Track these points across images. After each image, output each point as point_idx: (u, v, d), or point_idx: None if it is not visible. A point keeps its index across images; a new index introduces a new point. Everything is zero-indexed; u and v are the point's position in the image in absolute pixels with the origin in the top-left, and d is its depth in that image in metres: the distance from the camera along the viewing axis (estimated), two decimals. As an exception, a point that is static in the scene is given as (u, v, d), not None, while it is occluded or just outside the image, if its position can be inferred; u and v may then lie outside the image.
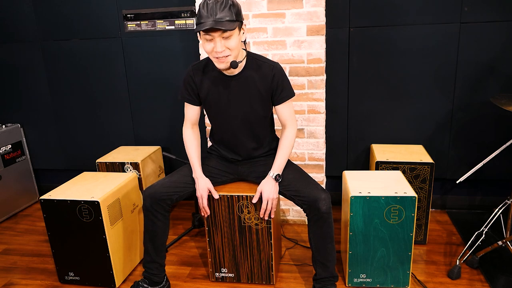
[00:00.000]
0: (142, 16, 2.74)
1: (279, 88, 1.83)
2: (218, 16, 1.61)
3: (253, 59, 1.83)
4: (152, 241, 1.93)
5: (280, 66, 1.84)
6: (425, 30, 2.44)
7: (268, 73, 1.81)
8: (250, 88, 1.82)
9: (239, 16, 1.67)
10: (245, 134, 1.93)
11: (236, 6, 1.66)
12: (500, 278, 2.01)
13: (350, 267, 1.98)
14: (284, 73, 1.85)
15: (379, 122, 2.66)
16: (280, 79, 1.82)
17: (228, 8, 1.62)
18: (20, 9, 2.89)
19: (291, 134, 1.91)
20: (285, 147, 1.90)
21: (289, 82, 1.88)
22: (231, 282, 2.09)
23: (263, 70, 1.81)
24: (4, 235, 2.74)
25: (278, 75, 1.82)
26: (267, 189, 1.85)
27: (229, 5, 1.63)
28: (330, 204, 1.79)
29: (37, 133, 3.16)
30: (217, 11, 1.61)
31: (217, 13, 1.61)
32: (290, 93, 1.87)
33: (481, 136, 2.56)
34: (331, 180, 2.82)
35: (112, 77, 2.91)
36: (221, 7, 1.61)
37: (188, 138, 1.99)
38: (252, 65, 1.82)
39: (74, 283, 2.13)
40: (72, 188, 2.09)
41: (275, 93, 1.84)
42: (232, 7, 1.64)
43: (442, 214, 2.73)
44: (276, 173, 1.86)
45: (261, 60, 1.83)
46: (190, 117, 1.98)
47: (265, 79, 1.81)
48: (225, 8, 1.62)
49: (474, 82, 2.48)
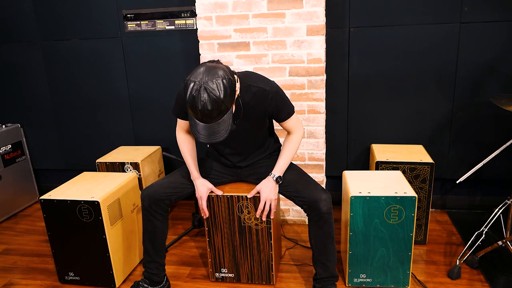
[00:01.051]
0: (142, 16, 2.74)
1: (278, 111, 1.79)
2: (213, 121, 1.52)
3: (247, 85, 1.74)
4: (151, 241, 1.93)
5: (276, 86, 1.77)
6: (425, 30, 2.44)
7: (264, 99, 1.74)
8: (248, 116, 1.78)
9: (232, 98, 1.54)
10: (244, 148, 1.94)
11: (226, 97, 1.50)
12: (500, 278, 2.01)
13: (350, 267, 1.98)
14: (280, 94, 1.78)
15: (379, 122, 2.66)
16: (277, 102, 1.76)
17: (219, 109, 1.50)
18: (20, 9, 2.89)
19: (296, 138, 1.89)
20: (289, 150, 1.88)
21: (287, 100, 1.82)
22: (231, 282, 2.09)
23: (258, 96, 1.74)
24: (4, 235, 2.74)
25: (274, 99, 1.75)
26: (265, 190, 1.85)
27: (219, 105, 1.49)
28: (331, 205, 1.79)
29: (37, 133, 3.16)
30: (210, 118, 1.51)
31: (211, 119, 1.51)
32: (289, 111, 1.82)
33: (481, 136, 2.56)
34: (331, 180, 2.82)
35: (112, 77, 2.91)
36: (213, 112, 1.50)
37: (182, 141, 1.98)
38: (247, 93, 1.74)
39: (74, 283, 2.13)
40: (72, 188, 2.09)
41: (274, 115, 1.82)
42: (224, 103, 1.50)
43: (442, 214, 2.73)
44: (277, 174, 1.85)
45: (255, 86, 1.74)
46: (183, 127, 1.98)
47: (261, 105, 1.76)
48: (217, 112, 1.50)
49: (474, 82, 2.48)
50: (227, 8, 2.36)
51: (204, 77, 1.49)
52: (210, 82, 1.48)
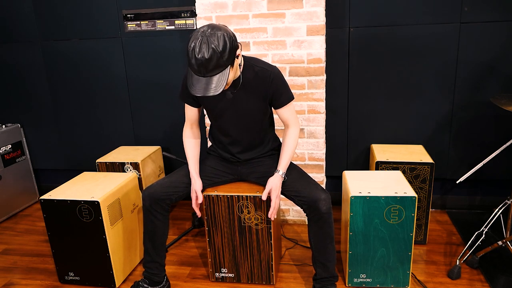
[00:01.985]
0: (142, 16, 2.74)
1: (278, 94, 1.81)
2: (207, 74, 1.54)
3: (250, 65, 1.79)
4: (151, 241, 1.93)
5: (278, 70, 1.81)
6: (425, 30, 2.44)
7: (266, 79, 1.78)
8: (248, 94, 1.80)
9: (231, 55, 1.56)
10: (244, 136, 1.93)
11: (225, 51, 1.53)
12: (500, 278, 2.01)
13: (350, 267, 1.98)
14: (282, 77, 1.82)
15: (379, 122, 2.66)
16: (278, 84, 1.80)
17: (217, 61, 1.52)
18: (20, 9, 2.89)
19: (294, 132, 1.90)
20: (290, 146, 1.88)
21: (288, 86, 1.85)
22: (231, 282, 2.09)
23: (260, 76, 1.78)
24: (4, 235, 2.74)
25: (276, 81, 1.79)
26: (276, 188, 1.83)
27: (217, 57, 1.52)
28: (330, 205, 1.79)
29: (37, 133, 3.16)
30: (205, 69, 1.53)
31: (206, 71, 1.53)
32: (289, 97, 1.85)
33: (481, 136, 2.56)
34: (331, 180, 2.82)
35: (112, 77, 2.91)
36: (210, 62, 1.52)
37: (187, 138, 1.99)
38: (250, 71, 1.78)
39: (74, 283, 2.13)
40: (72, 188, 2.09)
41: (274, 99, 1.83)
42: (223, 56, 1.53)
43: (442, 214, 2.73)
44: (282, 171, 1.85)
45: (258, 66, 1.79)
46: (190, 117, 1.98)
47: (263, 85, 1.79)
48: (215, 63, 1.52)
49: (474, 82, 2.48)
50: (227, 8, 2.37)
51: (208, 30, 1.54)
52: (213, 34, 1.53)
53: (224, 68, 1.56)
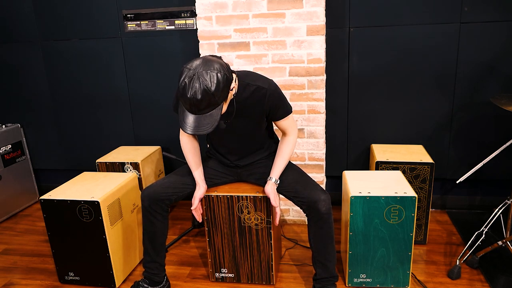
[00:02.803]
0: (142, 16, 2.74)
1: (275, 110, 1.79)
2: (200, 112, 1.50)
3: (246, 84, 1.74)
4: (151, 241, 1.93)
5: (274, 86, 1.77)
6: (425, 30, 2.44)
7: (261, 97, 1.74)
8: (245, 116, 1.78)
9: (224, 93, 1.52)
10: (243, 147, 1.94)
11: (218, 90, 1.49)
12: (500, 278, 2.01)
13: (350, 267, 1.98)
14: (278, 93, 1.78)
15: (379, 122, 2.66)
16: (274, 101, 1.77)
17: (209, 101, 1.48)
18: (20, 9, 2.89)
19: (291, 140, 1.89)
20: (285, 154, 1.88)
21: (285, 100, 1.82)
22: (231, 282, 2.09)
23: (255, 94, 1.74)
24: (4, 235, 2.74)
25: (271, 99, 1.75)
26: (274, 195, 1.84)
27: (210, 97, 1.47)
28: (330, 205, 1.78)
29: (37, 133, 3.16)
30: (198, 108, 1.49)
31: (199, 109, 1.50)
32: (286, 111, 1.82)
33: (481, 136, 2.56)
34: (331, 180, 2.82)
35: (112, 77, 2.91)
36: (202, 103, 1.48)
37: (185, 145, 1.97)
38: (245, 90, 1.74)
39: (74, 283, 2.13)
40: (72, 188, 2.09)
41: (271, 114, 1.81)
42: (215, 96, 1.48)
43: (442, 214, 2.73)
44: (275, 178, 1.86)
45: (253, 84, 1.74)
46: None
47: (259, 103, 1.76)
48: (206, 103, 1.48)
49: (474, 82, 2.48)
50: (227, 8, 2.37)
51: (200, 67, 1.49)
52: (205, 73, 1.47)
53: (216, 106, 1.53)
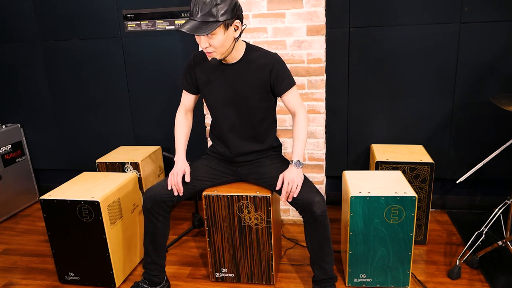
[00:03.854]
0: (142, 16, 2.74)
1: (279, 79, 1.81)
2: (198, 17, 1.60)
3: (252, 49, 1.82)
4: (152, 242, 1.93)
5: (278, 56, 1.82)
6: (425, 30, 2.44)
7: (266, 63, 1.79)
8: (248, 76, 1.81)
9: (227, 14, 1.61)
10: (244, 125, 1.90)
11: (224, 4, 1.60)
12: (500, 278, 2.01)
13: (350, 267, 1.98)
14: (282, 63, 1.83)
15: (379, 122, 2.66)
16: (278, 69, 1.80)
17: (211, 8, 1.58)
18: (20, 9, 2.89)
19: (302, 118, 1.86)
20: (301, 135, 1.84)
21: (289, 72, 1.85)
22: (231, 282, 2.09)
23: (261, 60, 1.80)
24: (4, 235, 2.74)
25: (276, 66, 1.80)
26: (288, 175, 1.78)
27: (214, 4, 1.59)
28: (325, 207, 1.76)
29: (37, 133, 3.16)
30: (199, 10, 1.59)
31: (199, 13, 1.59)
32: (291, 81, 1.84)
33: (481, 136, 2.56)
34: (331, 180, 2.82)
35: (112, 77, 2.91)
36: (205, 7, 1.59)
37: (179, 122, 2.01)
38: (251, 54, 1.81)
39: (74, 283, 2.13)
40: (72, 188, 2.09)
41: (276, 84, 1.82)
42: (218, 7, 1.59)
43: (442, 214, 2.73)
44: (297, 159, 1.80)
45: (259, 51, 1.82)
46: (185, 104, 2.00)
47: (264, 69, 1.80)
48: (208, 8, 1.58)
49: (474, 82, 2.48)
50: (227, 8, 2.36)
51: None
52: None
53: (215, 21, 1.60)
